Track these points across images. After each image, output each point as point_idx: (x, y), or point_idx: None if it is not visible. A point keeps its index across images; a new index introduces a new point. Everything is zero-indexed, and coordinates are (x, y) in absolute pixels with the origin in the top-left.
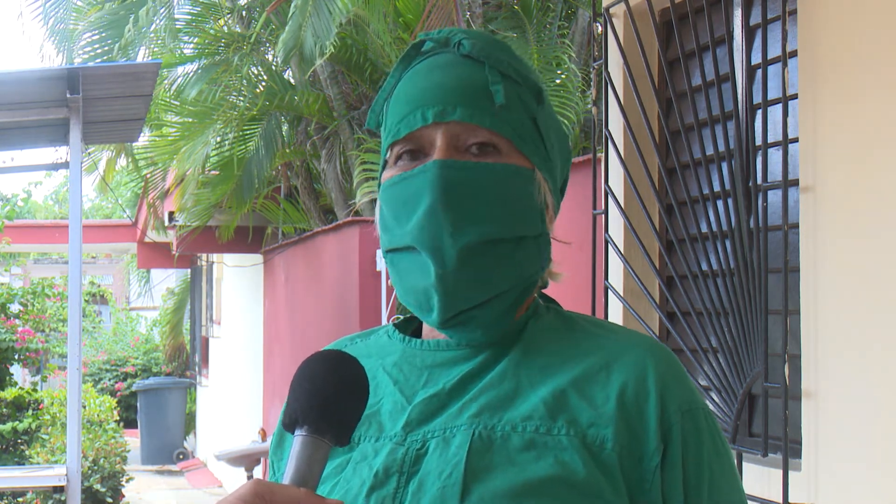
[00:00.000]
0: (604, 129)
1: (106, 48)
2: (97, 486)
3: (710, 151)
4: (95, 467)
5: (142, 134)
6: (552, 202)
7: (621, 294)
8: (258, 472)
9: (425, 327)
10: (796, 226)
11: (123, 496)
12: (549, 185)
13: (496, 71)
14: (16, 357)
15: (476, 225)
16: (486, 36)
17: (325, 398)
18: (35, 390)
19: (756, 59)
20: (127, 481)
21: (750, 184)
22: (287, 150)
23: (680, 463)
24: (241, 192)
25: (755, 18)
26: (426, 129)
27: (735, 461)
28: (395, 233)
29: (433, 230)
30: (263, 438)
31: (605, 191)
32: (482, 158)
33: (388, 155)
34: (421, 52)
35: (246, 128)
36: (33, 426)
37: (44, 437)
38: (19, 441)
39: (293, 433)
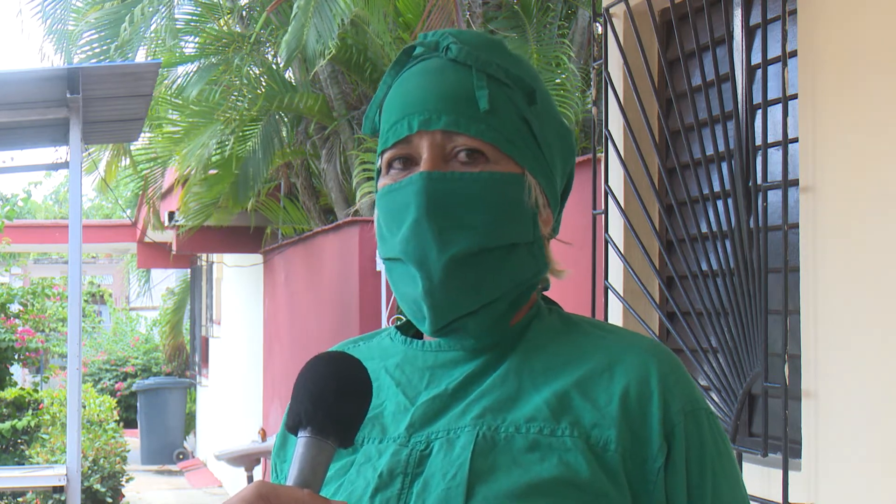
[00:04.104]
0: (604, 129)
1: (105, 48)
2: (97, 486)
3: (710, 151)
4: (95, 467)
5: (142, 133)
6: (547, 203)
7: (621, 294)
8: (258, 472)
9: None
10: (796, 226)
11: (123, 496)
12: (544, 186)
13: (483, 75)
14: (16, 357)
15: (462, 237)
16: (478, 37)
17: (329, 400)
18: (36, 390)
19: (756, 59)
20: (127, 481)
21: (750, 184)
22: (287, 150)
23: (683, 464)
24: (236, 190)
25: (755, 18)
26: (414, 138)
27: (737, 462)
28: (388, 242)
29: (418, 244)
30: (263, 438)
31: (605, 191)
32: (469, 167)
33: (380, 162)
34: (412, 57)
35: (246, 128)
36: (33, 426)
37: (44, 436)
38: (19, 441)
39: (297, 435)
